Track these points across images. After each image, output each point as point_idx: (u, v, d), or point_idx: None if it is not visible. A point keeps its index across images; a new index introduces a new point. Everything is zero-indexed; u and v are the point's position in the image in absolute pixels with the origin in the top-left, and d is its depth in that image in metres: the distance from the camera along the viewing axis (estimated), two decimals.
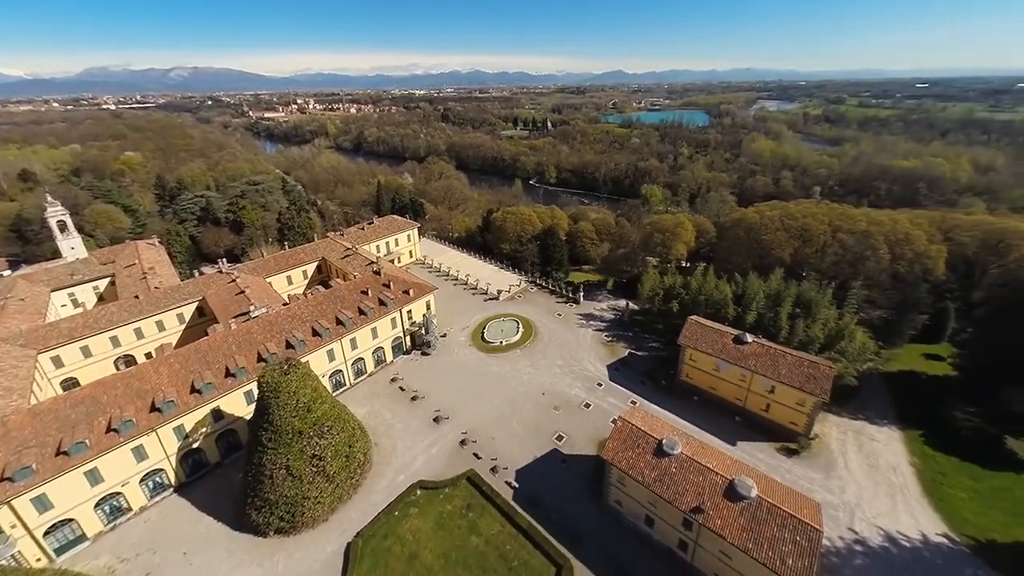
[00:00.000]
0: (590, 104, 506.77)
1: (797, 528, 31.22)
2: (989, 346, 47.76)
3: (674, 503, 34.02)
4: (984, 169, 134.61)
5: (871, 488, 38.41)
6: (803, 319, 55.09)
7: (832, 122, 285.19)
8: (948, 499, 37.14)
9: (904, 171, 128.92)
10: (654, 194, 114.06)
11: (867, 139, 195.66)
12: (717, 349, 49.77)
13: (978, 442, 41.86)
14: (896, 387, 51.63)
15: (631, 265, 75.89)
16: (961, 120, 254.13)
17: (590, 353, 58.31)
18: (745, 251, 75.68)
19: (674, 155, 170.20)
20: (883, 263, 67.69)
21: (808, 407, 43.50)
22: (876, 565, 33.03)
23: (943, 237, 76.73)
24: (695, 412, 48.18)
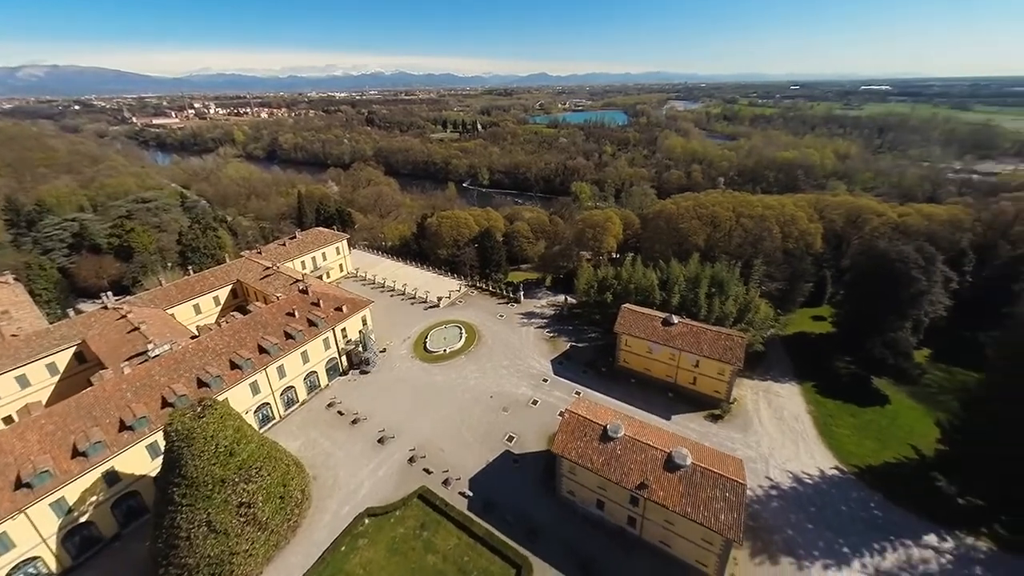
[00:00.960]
0: (518, 105, 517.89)
1: (725, 486, 34.58)
2: (854, 305, 57.45)
3: (621, 483, 35.90)
4: (843, 157, 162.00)
5: (780, 438, 44.18)
6: (718, 297, 61.50)
7: (729, 120, 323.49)
8: (836, 436, 44.08)
9: (786, 161, 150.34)
10: (583, 191, 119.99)
11: (757, 134, 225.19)
12: (648, 333, 53.57)
13: (854, 385, 50.26)
14: (792, 347, 59.92)
15: (567, 261, 78.82)
16: (824, 117, 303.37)
17: (534, 350, 59.46)
18: (666, 240, 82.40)
19: (599, 153, 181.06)
20: (776, 242, 77.93)
21: (727, 375, 48.68)
22: (788, 504, 38.04)
23: (818, 216, 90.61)
24: (633, 394, 51.44)
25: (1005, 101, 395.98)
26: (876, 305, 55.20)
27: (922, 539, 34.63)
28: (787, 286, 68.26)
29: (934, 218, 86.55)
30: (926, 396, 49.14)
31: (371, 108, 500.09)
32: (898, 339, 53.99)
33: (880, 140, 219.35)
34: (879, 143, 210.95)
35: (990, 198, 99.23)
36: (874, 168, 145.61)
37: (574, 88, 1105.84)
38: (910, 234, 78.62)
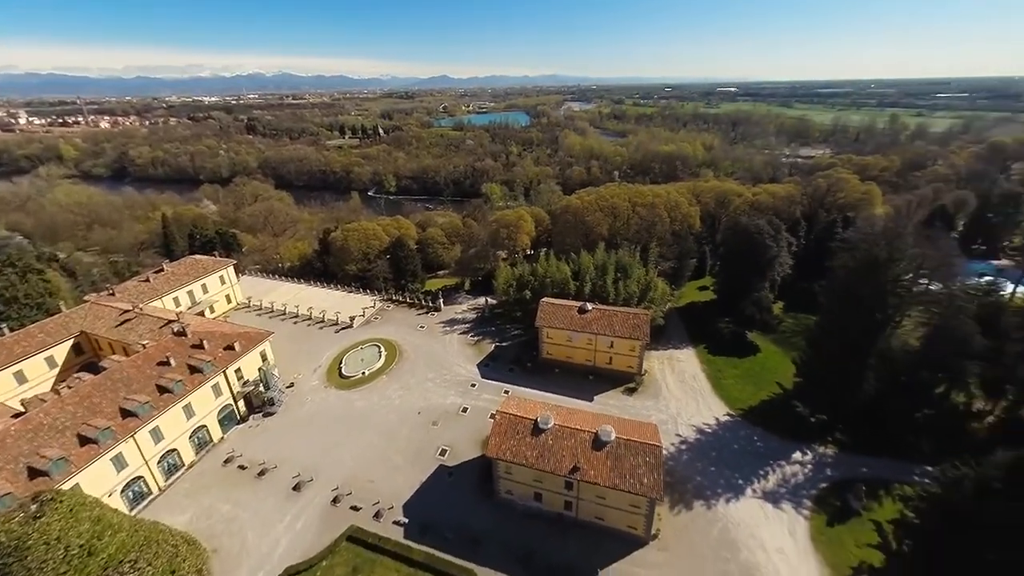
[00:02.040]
0: (421, 108, 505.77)
1: (645, 451, 37.91)
2: (727, 273, 68.07)
3: (555, 471, 37.19)
4: (709, 148, 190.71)
5: (683, 398, 50.32)
6: (623, 281, 67.34)
7: (618, 118, 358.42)
8: (724, 387, 51.72)
9: (667, 154, 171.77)
10: (494, 192, 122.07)
11: (642, 131, 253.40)
12: (567, 322, 56.45)
13: (734, 341, 59.49)
14: (686, 317, 68.63)
15: (484, 262, 79.24)
16: (692, 114, 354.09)
17: (459, 357, 58.64)
18: (575, 233, 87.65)
19: (506, 154, 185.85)
20: (666, 225, 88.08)
21: (638, 351, 53.69)
22: (695, 454, 43.50)
23: (696, 200, 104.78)
24: (558, 383, 53.83)
25: (813, 100, 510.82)
26: (743, 271, 66.09)
27: (791, 457, 42.48)
28: (677, 264, 77.75)
29: (777, 195, 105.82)
30: (784, 341, 60.22)
31: (252, 114, 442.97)
32: (761, 297, 65.24)
33: (734, 133, 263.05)
34: (734, 136, 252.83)
35: (810, 176, 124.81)
36: (732, 157, 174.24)
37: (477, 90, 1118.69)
38: (762, 210, 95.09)
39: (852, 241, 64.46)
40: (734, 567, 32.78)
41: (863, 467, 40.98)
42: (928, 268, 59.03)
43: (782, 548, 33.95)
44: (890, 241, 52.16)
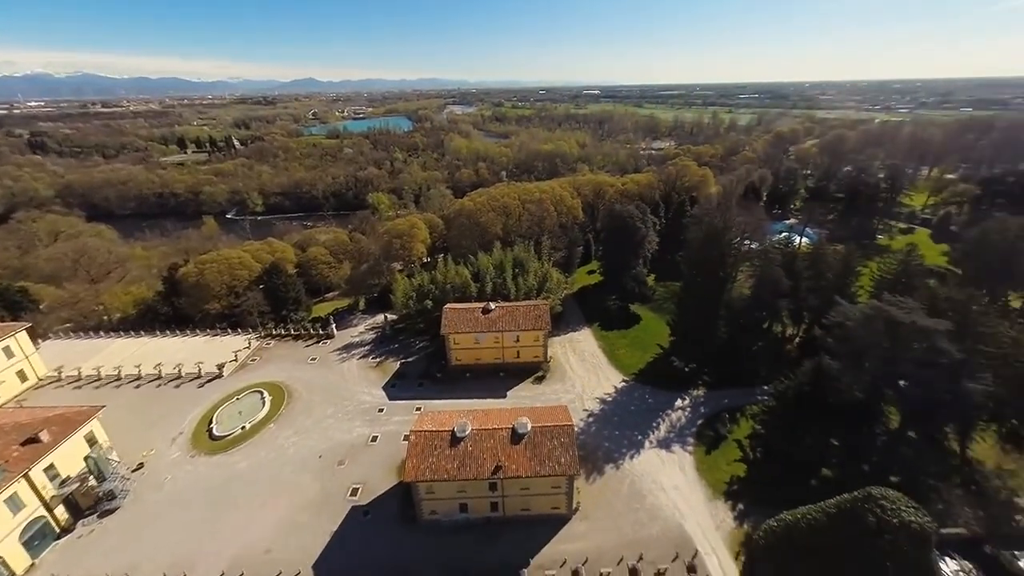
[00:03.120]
0: (285, 115, 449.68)
1: (559, 433, 39.97)
2: (608, 255, 76.37)
3: (479, 476, 36.84)
4: (583, 145, 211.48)
5: (586, 375, 54.86)
6: (521, 276, 70.20)
7: (500, 120, 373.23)
8: (618, 357, 58.03)
9: (547, 152, 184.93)
10: (381, 201, 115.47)
11: (523, 132, 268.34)
12: (472, 325, 56.41)
13: (620, 315, 67.09)
14: (580, 300, 74.94)
15: (378, 277, 74.38)
16: (565, 115, 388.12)
17: (361, 383, 54.03)
18: (470, 235, 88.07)
19: (390, 161, 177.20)
20: (554, 219, 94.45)
21: (542, 340, 56.55)
22: (601, 423, 47.69)
23: (576, 193, 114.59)
24: (471, 387, 53.64)
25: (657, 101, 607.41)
26: (621, 252, 74.81)
27: (675, 405, 49.76)
28: (567, 253, 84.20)
29: (640, 183, 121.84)
30: (659, 308, 70.09)
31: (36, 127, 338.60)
32: (638, 273, 74.61)
33: (601, 131, 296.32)
34: (601, 133, 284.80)
35: (662, 165, 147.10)
36: (602, 152, 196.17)
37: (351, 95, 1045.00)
38: (630, 197, 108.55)
39: (697, 216, 78.31)
40: (643, 514, 36.91)
41: (725, 399, 50.16)
42: (749, 232, 74.91)
43: (677, 485, 39.49)
44: (723, 213, 64.70)
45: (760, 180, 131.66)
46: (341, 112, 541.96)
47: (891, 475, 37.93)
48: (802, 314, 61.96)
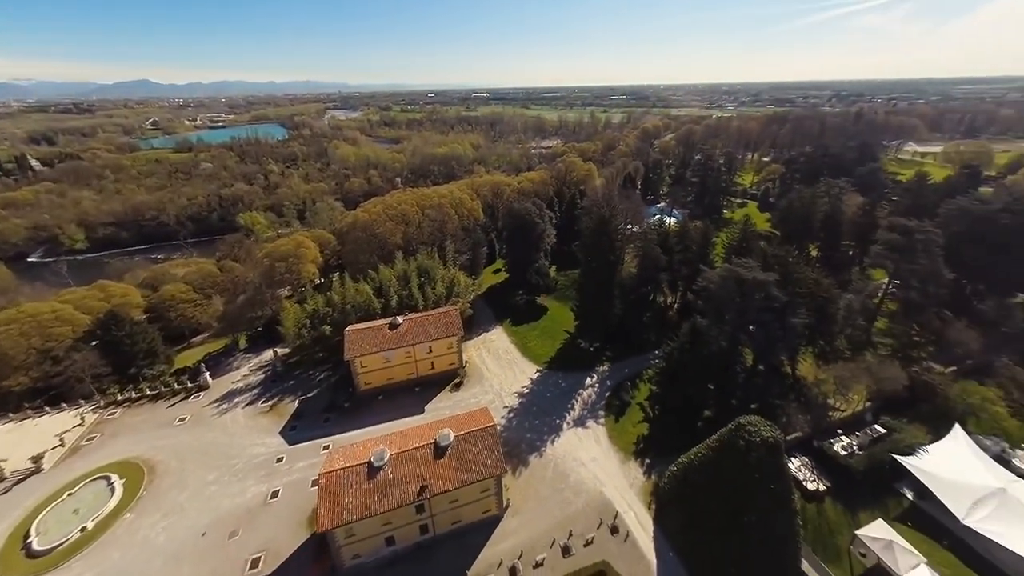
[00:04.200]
0: (111, 126, 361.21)
1: (482, 436, 39.81)
2: (512, 252, 78.84)
3: (403, 503, 34.69)
4: (477, 147, 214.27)
5: (502, 373, 55.98)
6: (428, 284, 68.19)
7: (389, 125, 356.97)
8: (531, 349, 60.53)
9: (442, 155, 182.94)
10: (256, 221, 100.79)
11: (415, 136, 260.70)
12: (380, 344, 52.84)
13: (528, 309, 69.97)
14: (489, 300, 75.97)
15: (261, 308, 64.92)
16: (457, 118, 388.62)
17: (251, 435, 46.63)
18: (368, 248, 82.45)
19: (264, 174, 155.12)
20: (455, 222, 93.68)
21: (456, 346, 55.72)
22: (522, 416, 48.85)
23: (475, 194, 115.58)
24: (384, 409, 50.44)
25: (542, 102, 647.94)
26: (523, 248, 77.71)
27: (585, 384, 53.77)
28: (472, 255, 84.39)
29: (535, 181, 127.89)
30: (563, 296, 74.85)
31: None
32: (541, 266, 78.37)
33: (494, 132, 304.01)
34: (494, 134, 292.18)
35: (553, 162, 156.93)
36: (496, 152, 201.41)
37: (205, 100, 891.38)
38: (527, 194, 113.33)
39: (587, 208, 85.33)
40: (568, 492, 39.06)
41: (626, 368, 55.89)
42: (630, 217, 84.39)
43: (594, 456, 42.72)
44: (608, 203, 71.54)
45: (635, 171, 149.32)
46: (193, 120, 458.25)
47: (751, 403, 46.62)
48: (677, 283, 72.19)
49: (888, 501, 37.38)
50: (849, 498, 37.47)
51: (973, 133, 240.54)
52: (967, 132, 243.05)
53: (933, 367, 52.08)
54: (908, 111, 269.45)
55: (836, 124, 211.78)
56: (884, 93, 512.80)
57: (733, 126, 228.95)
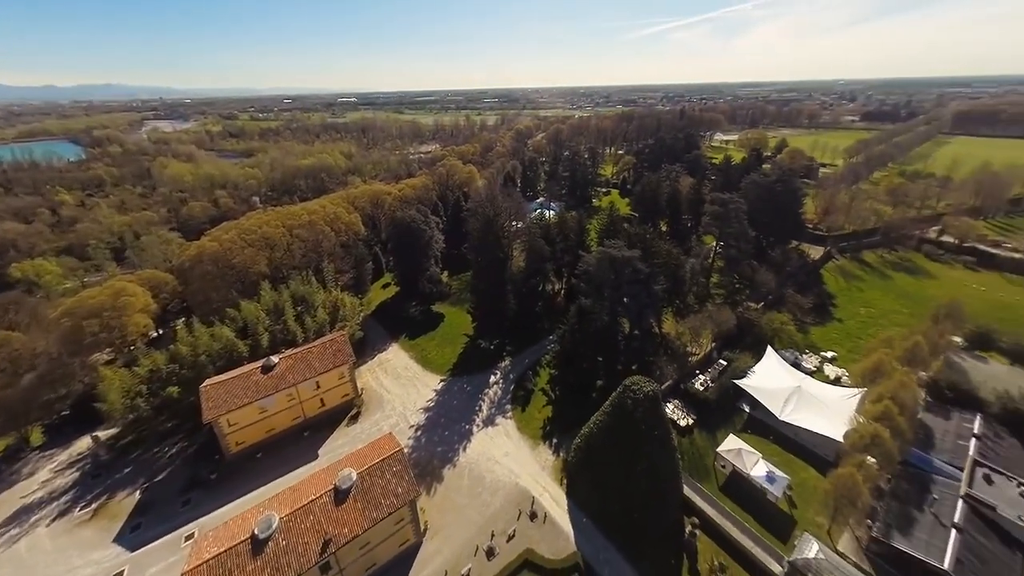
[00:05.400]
0: None
1: (390, 464, 37.10)
2: (400, 263, 75.30)
3: (303, 569, 30.29)
4: (349, 156, 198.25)
5: (403, 392, 53.24)
6: (307, 313, 60.65)
7: (236, 136, 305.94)
8: (431, 360, 58.89)
9: (309, 167, 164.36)
10: (44, 271, 75.34)
11: (272, 147, 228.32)
12: (251, 393, 45.00)
13: (423, 318, 67.85)
14: (381, 317, 71.43)
15: (65, 385, 49.03)
16: (322, 125, 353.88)
17: (65, 556, 34.73)
18: (223, 283, 69.52)
19: (50, 208, 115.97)
20: (333, 239, 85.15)
21: (348, 375, 50.72)
22: (430, 430, 47.28)
23: (353, 207, 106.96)
24: (267, 469, 43.27)
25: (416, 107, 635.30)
26: (411, 257, 74.75)
27: (489, 382, 54.49)
28: (356, 272, 77.96)
29: (416, 187, 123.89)
30: (458, 301, 74.50)
31: None
32: (432, 273, 76.56)
33: (366, 139, 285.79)
34: (367, 141, 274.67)
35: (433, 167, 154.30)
36: (371, 160, 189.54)
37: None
38: (409, 202, 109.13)
39: (472, 209, 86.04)
40: (486, 494, 39.14)
41: (526, 359, 58.45)
42: (514, 214, 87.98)
43: (507, 451, 43.66)
44: (492, 203, 73.22)
45: (513, 170, 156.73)
46: None
47: (632, 365, 53.36)
48: (561, 270, 78.23)
49: (735, 418, 46.76)
50: (709, 424, 45.73)
51: (755, 124, 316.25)
52: (751, 123, 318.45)
53: (750, 305, 66.87)
54: (713, 108, 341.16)
55: (668, 120, 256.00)
56: (697, 94, 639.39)
57: (592, 124, 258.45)
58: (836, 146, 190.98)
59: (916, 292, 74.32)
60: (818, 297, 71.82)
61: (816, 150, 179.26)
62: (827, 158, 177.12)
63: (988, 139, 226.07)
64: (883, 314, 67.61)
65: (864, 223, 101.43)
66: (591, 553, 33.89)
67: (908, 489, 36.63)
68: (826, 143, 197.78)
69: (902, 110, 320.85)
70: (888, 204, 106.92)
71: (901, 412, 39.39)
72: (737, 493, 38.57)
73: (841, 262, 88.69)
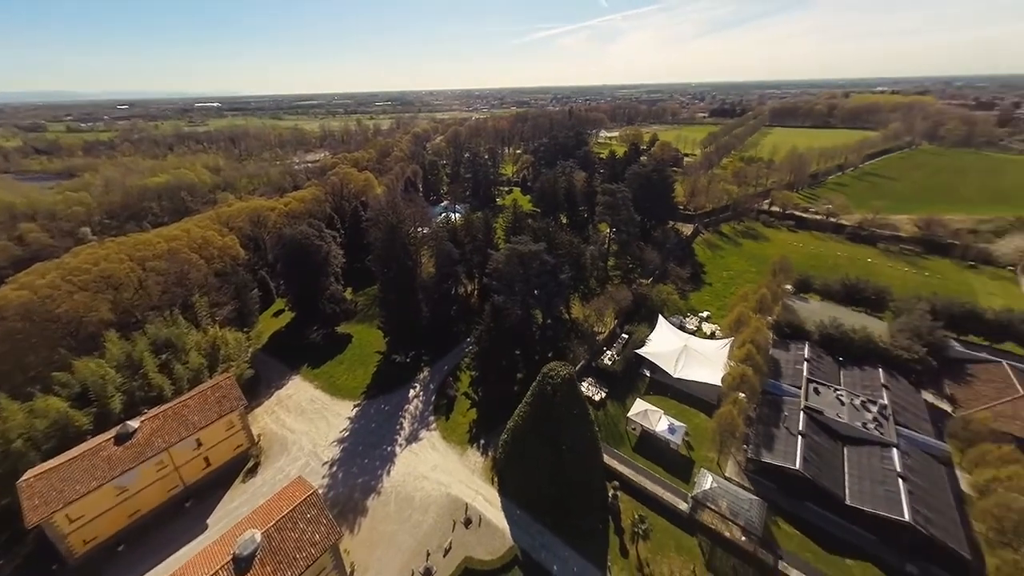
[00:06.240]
0: None
1: (302, 511, 33.12)
2: (294, 286, 67.41)
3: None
4: (216, 170, 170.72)
5: (311, 427, 47.90)
6: (176, 359, 50.85)
7: (48, 152, 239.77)
8: (340, 387, 53.89)
9: (162, 186, 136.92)
10: None
11: (107, 164, 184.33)
12: (101, 474, 35.98)
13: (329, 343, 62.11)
14: (276, 348, 63.25)
15: None
16: (176, 135, 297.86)
17: None
18: (43, 341, 54.65)
19: None
20: (203, 268, 72.49)
21: (238, 423, 43.69)
22: (347, 463, 43.41)
23: (227, 228, 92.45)
24: (134, 563, 34.89)
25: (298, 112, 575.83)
26: (307, 278, 67.28)
27: (409, 396, 52.17)
28: (239, 303, 67.46)
29: (305, 200, 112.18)
30: (366, 318, 69.63)
31: None
32: (333, 292, 70.05)
33: (238, 149, 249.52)
34: (239, 152, 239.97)
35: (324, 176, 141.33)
36: (247, 173, 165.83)
37: None
38: (299, 216, 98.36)
39: (373, 219, 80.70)
40: (416, 514, 37.39)
41: (445, 366, 57.28)
42: (418, 220, 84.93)
43: (435, 464, 42.28)
44: (394, 210, 69.46)
45: (414, 174, 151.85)
46: None
47: (548, 353, 56.04)
48: (473, 271, 78.38)
49: (639, 384, 52.23)
50: (619, 394, 50.32)
51: (631, 121, 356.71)
52: (629, 121, 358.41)
53: (642, 282, 75.32)
54: (597, 108, 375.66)
55: (559, 120, 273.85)
56: (582, 96, 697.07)
57: (490, 125, 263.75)
58: (694, 139, 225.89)
59: (759, 253, 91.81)
60: (692, 267, 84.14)
61: (680, 142, 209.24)
62: (688, 149, 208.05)
63: (794, 129, 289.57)
64: (739, 274, 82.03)
65: (719, 201, 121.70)
66: (528, 542, 34.66)
67: (768, 413, 45.07)
68: (687, 136, 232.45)
69: (737, 108, 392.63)
70: (734, 184, 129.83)
71: (758, 352, 48.29)
72: (647, 450, 43.16)
73: (706, 236, 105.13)
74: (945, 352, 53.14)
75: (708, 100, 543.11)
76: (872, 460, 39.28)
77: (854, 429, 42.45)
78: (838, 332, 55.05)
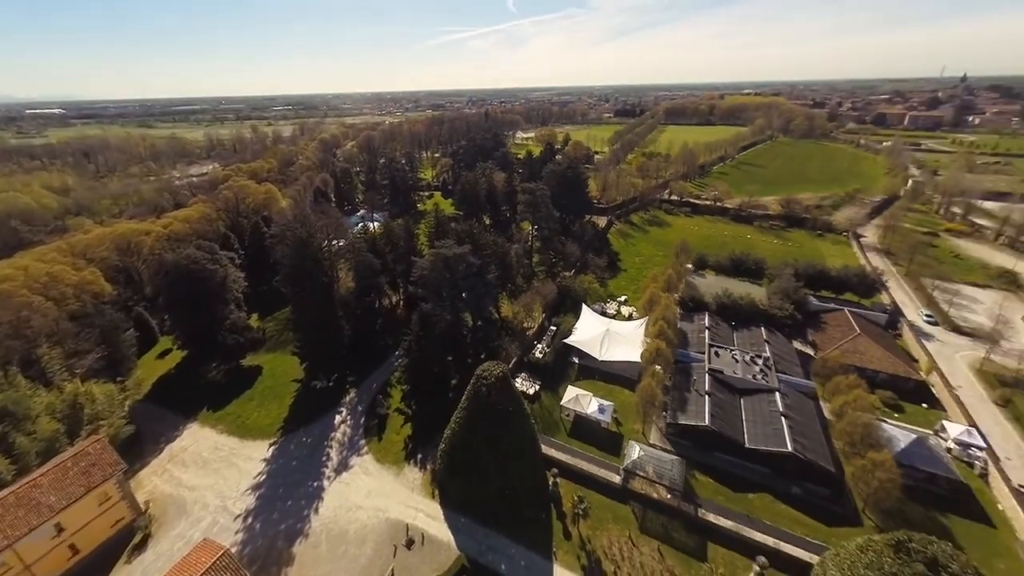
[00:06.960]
0: None
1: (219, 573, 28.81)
2: (182, 319, 57.98)
3: None
4: (66, 191, 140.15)
5: (217, 478, 41.56)
6: (17, 430, 40.63)
7: None
8: (250, 426, 47.64)
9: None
10: None
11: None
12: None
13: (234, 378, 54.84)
14: (162, 394, 54.06)
15: None
16: (2, 149, 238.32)
17: None
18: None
19: None
20: (51, 312, 59.18)
21: (116, 493, 36.25)
22: (266, 509, 38.51)
23: (86, 260, 76.41)
24: None
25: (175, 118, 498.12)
26: (198, 308, 58.14)
27: (334, 423, 48.24)
28: (108, 349, 55.94)
29: (191, 219, 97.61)
30: (278, 344, 62.73)
31: None
32: (235, 321, 61.70)
33: (94, 164, 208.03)
34: (95, 168, 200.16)
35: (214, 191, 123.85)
36: (109, 194, 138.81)
37: None
38: (184, 239, 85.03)
39: (279, 234, 72.53)
40: (352, 548, 34.59)
41: (373, 384, 53.98)
42: (332, 232, 78.47)
43: (369, 490, 39.56)
44: (303, 223, 63.05)
45: (324, 184, 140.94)
46: None
47: (481, 354, 55.86)
48: (397, 281, 75.07)
49: (569, 372, 54.66)
50: (551, 384, 52.11)
51: (545, 122, 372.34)
52: (543, 122, 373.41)
53: (565, 275, 78.95)
54: (512, 110, 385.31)
55: (476, 122, 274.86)
56: (497, 98, 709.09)
57: (405, 129, 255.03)
58: (602, 137, 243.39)
59: (664, 239, 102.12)
60: (609, 256, 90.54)
61: (590, 141, 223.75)
62: (598, 147, 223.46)
63: (684, 126, 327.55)
64: (649, 259, 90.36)
65: (628, 194, 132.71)
66: (474, 548, 34.12)
67: (681, 379, 50.25)
68: (595, 135, 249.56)
69: (637, 108, 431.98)
70: (639, 178, 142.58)
71: (669, 326, 53.55)
72: (581, 433, 45.34)
73: (619, 226, 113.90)
74: (806, 307, 64.37)
75: (612, 101, 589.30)
76: (761, 405, 45.95)
77: (747, 382, 49.23)
78: (730, 301, 63.52)
